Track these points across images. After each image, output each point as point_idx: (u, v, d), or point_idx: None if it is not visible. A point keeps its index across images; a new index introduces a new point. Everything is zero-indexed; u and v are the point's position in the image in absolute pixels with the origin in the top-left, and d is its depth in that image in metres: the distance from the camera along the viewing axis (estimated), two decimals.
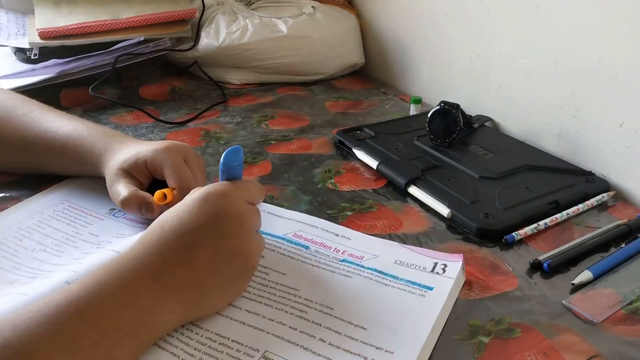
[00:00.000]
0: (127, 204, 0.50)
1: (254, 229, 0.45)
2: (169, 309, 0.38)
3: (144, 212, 0.50)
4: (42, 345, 0.32)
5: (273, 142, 0.75)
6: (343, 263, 0.49)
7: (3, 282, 0.45)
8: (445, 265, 0.48)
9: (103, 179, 0.54)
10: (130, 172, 0.52)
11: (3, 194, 0.59)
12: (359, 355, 0.39)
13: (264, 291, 0.45)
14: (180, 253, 0.39)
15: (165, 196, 0.51)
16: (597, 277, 0.49)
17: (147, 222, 0.51)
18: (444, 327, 0.43)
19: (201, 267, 0.40)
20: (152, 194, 0.51)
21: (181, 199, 0.51)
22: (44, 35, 0.86)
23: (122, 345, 0.35)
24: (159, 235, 0.40)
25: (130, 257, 0.39)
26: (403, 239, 0.54)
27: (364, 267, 0.48)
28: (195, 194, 0.43)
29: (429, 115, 0.71)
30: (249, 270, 0.44)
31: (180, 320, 0.40)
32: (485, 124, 0.80)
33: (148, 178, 0.54)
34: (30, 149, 0.58)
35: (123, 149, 0.54)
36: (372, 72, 1.06)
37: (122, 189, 0.51)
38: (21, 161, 0.61)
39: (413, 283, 0.46)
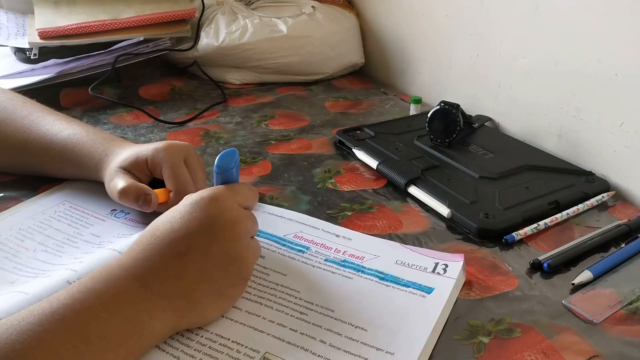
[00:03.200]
0: (124, 193, 0.50)
1: (248, 234, 0.43)
2: (158, 317, 0.37)
3: (141, 204, 0.50)
4: (24, 354, 0.31)
5: (273, 142, 0.75)
6: (344, 264, 0.49)
7: (4, 282, 0.45)
8: (446, 266, 0.48)
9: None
10: (130, 170, 0.52)
11: (3, 194, 0.59)
12: (359, 356, 0.39)
13: (265, 292, 0.45)
14: (170, 260, 0.39)
15: (163, 195, 0.51)
16: (597, 277, 0.49)
17: (149, 223, 0.52)
18: (444, 327, 0.43)
19: (192, 275, 0.39)
20: None
21: (177, 202, 0.51)
22: (43, 35, 0.86)
23: (108, 354, 0.34)
24: (149, 242, 0.39)
25: (120, 264, 0.38)
26: (403, 239, 0.54)
27: (364, 268, 0.48)
28: (187, 200, 0.42)
29: (429, 115, 0.71)
30: (244, 277, 0.43)
31: (170, 329, 0.39)
32: (485, 124, 0.80)
33: (148, 177, 0.54)
34: (29, 152, 0.58)
35: (122, 152, 0.54)
36: (372, 72, 1.06)
37: (120, 181, 0.51)
38: (20, 163, 0.61)
39: (414, 284, 0.46)
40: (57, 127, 0.58)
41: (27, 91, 0.72)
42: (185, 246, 0.39)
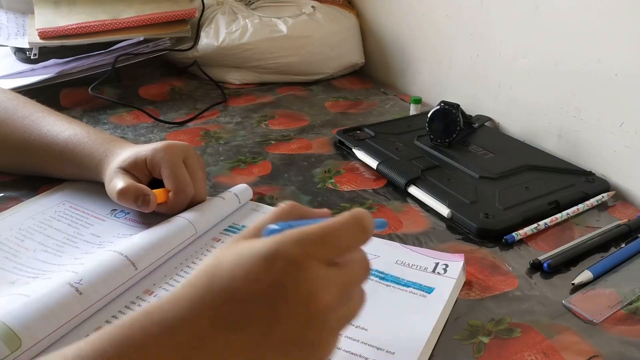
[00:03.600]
0: (123, 194, 0.50)
1: (334, 310, 0.32)
2: None
3: (140, 205, 0.50)
4: None
5: (273, 142, 0.75)
6: None
7: (4, 282, 0.45)
8: (447, 266, 0.48)
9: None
10: (129, 170, 0.52)
11: (3, 194, 0.59)
12: (360, 356, 0.39)
13: None
14: (221, 330, 0.30)
15: (162, 195, 0.51)
16: (597, 277, 0.49)
17: (149, 223, 0.52)
18: (444, 327, 0.43)
19: (242, 353, 0.30)
20: None
21: (176, 202, 0.51)
22: (43, 35, 0.86)
23: None
24: (202, 295, 0.31)
25: (163, 323, 0.30)
26: (403, 239, 0.54)
27: None
28: (262, 247, 0.31)
29: (429, 115, 0.71)
30: None
31: None
32: (485, 124, 0.80)
33: (147, 177, 0.54)
34: (29, 152, 0.58)
35: (122, 153, 0.54)
36: (372, 72, 1.06)
37: (119, 182, 0.51)
38: (20, 163, 0.61)
39: (414, 284, 0.46)
40: (58, 127, 0.58)
41: (27, 91, 0.72)
42: (242, 316, 0.30)
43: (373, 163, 0.67)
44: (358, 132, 0.75)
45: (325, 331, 0.32)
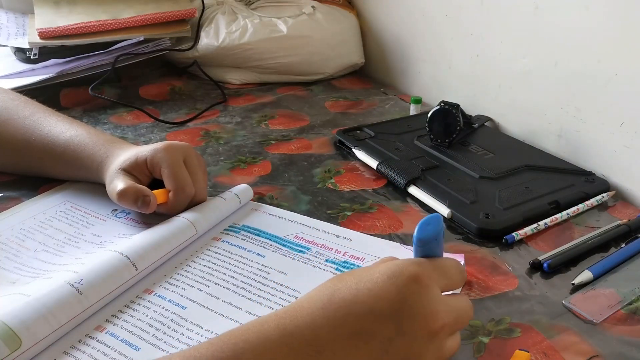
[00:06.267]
0: (123, 195, 0.50)
1: (445, 333, 0.34)
2: None
3: (140, 206, 0.50)
4: None
5: (273, 142, 0.75)
6: (344, 265, 0.49)
7: (5, 282, 0.45)
8: None
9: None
10: (129, 171, 0.52)
11: (3, 194, 0.59)
12: None
13: (265, 292, 0.45)
14: (340, 340, 0.31)
15: (162, 195, 0.51)
16: (597, 277, 0.49)
17: (149, 223, 0.52)
18: None
19: None
20: None
21: (176, 202, 0.52)
22: (43, 35, 0.86)
23: None
24: (322, 306, 0.32)
25: (280, 329, 0.31)
26: (403, 239, 0.54)
27: None
28: (384, 267, 0.34)
29: (429, 115, 0.71)
30: None
31: None
32: (485, 124, 0.80)
33: (148, 177, 0.54)
34: (30, 153, 0.58)
35: (123, 154, 0.54)
36: (372, 72, 1.06)
37: (119, 183, 0.51)
38: (21, 163, 0.61)
39: None
40: (59, 128, 0.58)
41: (27, 91, 0.72)
42: (363, 328, 0.32)
43: (373, 163, 0.67)
44: (358, 132, 0.75)
45: (435, 352, 0.34)
